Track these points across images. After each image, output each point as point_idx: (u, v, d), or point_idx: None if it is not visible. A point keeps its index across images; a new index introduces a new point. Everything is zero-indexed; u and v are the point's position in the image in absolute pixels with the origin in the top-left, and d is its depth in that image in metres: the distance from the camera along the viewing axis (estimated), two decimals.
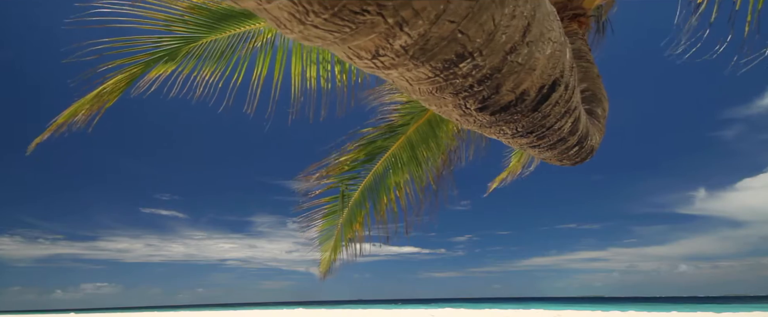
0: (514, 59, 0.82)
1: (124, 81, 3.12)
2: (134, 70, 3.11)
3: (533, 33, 0.82)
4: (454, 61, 0.72)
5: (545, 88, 1.06)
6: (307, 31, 0.55)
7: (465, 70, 0.76)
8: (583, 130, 1.73)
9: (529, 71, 0.91)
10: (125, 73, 3.16)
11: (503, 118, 1.10)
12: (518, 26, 0.76)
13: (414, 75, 0.76)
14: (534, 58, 0.89)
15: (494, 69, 0.81)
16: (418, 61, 0.68)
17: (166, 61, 3.22)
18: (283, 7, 0.49)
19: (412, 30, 0.58)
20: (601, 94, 2.60)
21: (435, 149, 3.89)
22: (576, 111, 1.46)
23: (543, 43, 0.89)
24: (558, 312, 24.01)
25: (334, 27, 0.53)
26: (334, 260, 4.38)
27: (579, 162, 2.08)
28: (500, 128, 1.21)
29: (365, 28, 0.55)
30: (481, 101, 0.93)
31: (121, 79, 3.16)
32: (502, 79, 0.86)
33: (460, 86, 0.82)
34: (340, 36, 0.56)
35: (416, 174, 4.01)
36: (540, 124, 1.26)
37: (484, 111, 1.00)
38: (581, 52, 2.73)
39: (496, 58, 0.78)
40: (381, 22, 0.54)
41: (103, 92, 3.10)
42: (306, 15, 0.50)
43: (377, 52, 0.63)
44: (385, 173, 4.00)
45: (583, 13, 2.79)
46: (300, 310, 38.42)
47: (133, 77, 3.22)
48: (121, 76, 3.13)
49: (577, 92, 1.42)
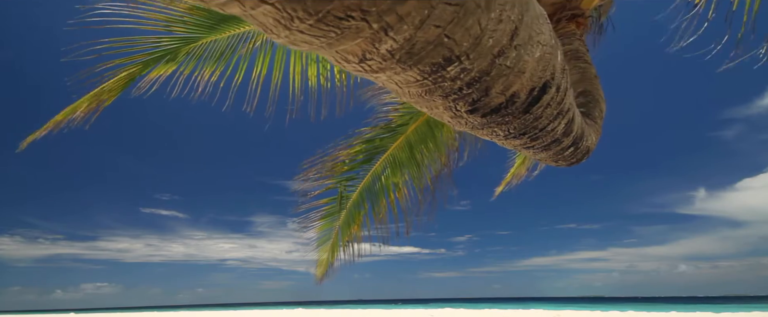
0: (502, 62, 0.83)
1: (123, 81, 3.13)
2: (133, 70, 3.13)
3: (521, 36, 0.83)
4: (442, 65, 0.73)
5: (536, 90, 1.07)
6: (293, 36, 0.56)
7: (453, 74, 0.77)
8: (578, 131, 1.74)
9: (518, 74, 0.92)
10: (124, 73, 3.17)
11: (495, 120, 1.11)
12: (506, 30, 0.77)
13: (403, 78, 0.76)
14: (523, 61, 0.90)
15: (483, 72, 0.82)
16: (406, 65, 0.69)
17: (166, 61, 3.24)
18: (268, 13, 0.49)
19: (398, 35, 0.59)
20: (598, 95, 2.60)
21: (434, 149, 3.89)
22: (569, 113, 1.47)
23: (532, 46, 0.90)
24: (557, 312, 24.02)
25: (319, 32, 0.54)
26: (331, 263, 4.38)
27: (575, 163, 2.09)
28: (492, 130, 1.22)
29: (350, 33, 0.56)
30: (471, 104, 0.94)
31: (120, 78, 3.17)
32: (491, 82, 0.87)
33: (449, 89, 0.83)
34: (327, 41, 0.57)
35: (415, 175, 4.01)
36: (532, 125, 1.27)
37: (475, 113, 1.01)
38: (579, 53, 2.73)
39: (484, 61, 0.79)
40: (366, 27, 0.55)
41: (101, 91, 3.12)
42: (291, 21, 0.51)
43: (364, 56, 0.64)
44: (384, 174, 4.01)
45: (581, 14, 2.80)
46: (299, 310, 38.42)
47: (132, 77, 3.23)
48: (121, 76, 3.15)
49: (570, 93, 1.42)
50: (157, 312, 38.98)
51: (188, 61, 3.35)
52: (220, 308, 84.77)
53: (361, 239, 4.10)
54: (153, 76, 3.30)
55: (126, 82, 3.21)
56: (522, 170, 5.04)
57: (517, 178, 5.10)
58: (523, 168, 5.02)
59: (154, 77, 3.38)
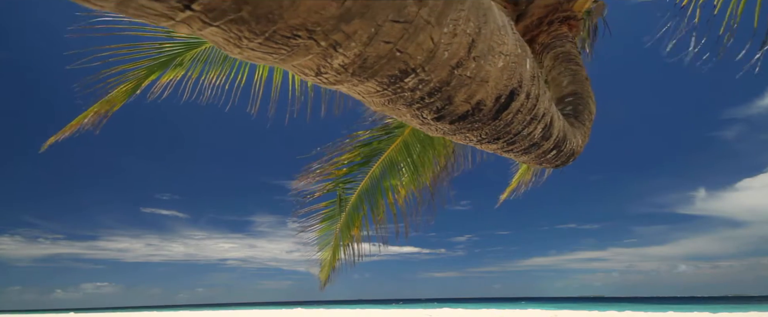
0: (462, 73, 0.86)
1: (130, 86, 3.21)
2: (140, 74, 3.20)
3: (480, 48, 0.85)
4: (399, 77, 0.76)
5: (503, 97, 1.10)
6: (246, 53, 0.59)
7: (412, 85, 0.80)
8: (560, 134, 1.76)
9: (481, 83, 0.95)
10: (132, 79, 3.26)
11: (464, 126, 1.14)
12: (462, 43, 0.80)
13: (363, 89, 0.79)
14: (485, 71, 0.93)
15: (442, 82, 0.85)
16: (362, 78, 0.72)
17: (174, 66, 3.32)
18: (216, 33, 0.52)
19: (348, 51, 0.62)
20: (588, 96, 2.61)
21: (430, 151, 3.92)
22: (545, 117, 1.50)
23: (493, 57, 0.93)
24: (554, 312, 24.04)
25: (270, 49, 0.57)
26: (333, 267, 4.41)
27: (560, 165, 2.11)
28: (464, 135, 1.25)
29: (300, 50, 0.59)
30: (436, 112, 0.97)
31: (128, 85, 3.26)
32: (452, 91, 0.90)
33: (410, 99, 0.86)
34: (279, 57, 0.60)
35: (413, 176, 4.04)
36: (505, 131, 1.29)
37: (442, 121, 1.04)
38: (570, 55, 2.75)
39: (442, 72, 0.82)
40: (314, 45, 0.58)
41: (111, 98, 3.21)
42: (239, 40, 0.54)
43: (319, 70, 0.67)
44: (382, 176, 4.04)
45: (573, 17, 2.81)
46: (298, 310, 38.42)
47: (139, 82, 3.31)
48: (129, 83, 3.23)
49: (545, 98, 1.45)
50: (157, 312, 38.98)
51: (195, 66, 3.45)
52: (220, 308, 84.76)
53: (361, 241, 4.13)
54: (154, 78, 3.37)
55: (133, 87, 3.28)
56: (527, 175, 5.01)
57: (525, 184, 5.07)
58: (529, 174, 5.00)
59: (155, 79, 3.45)
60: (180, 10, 0.45)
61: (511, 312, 26.63)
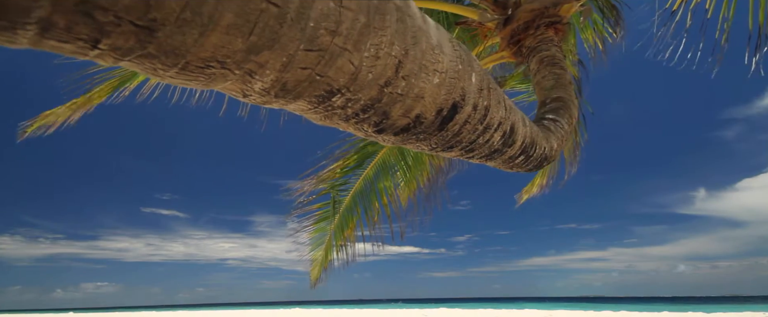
0: (392, 91, 0.91)
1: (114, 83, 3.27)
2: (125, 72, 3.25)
3: (408, 69, 0.91)
4: (326, 97, 0.81)
5: (445, 110, 1.15)
6: (168, 80, 0.64)
7: (340, 103, 0.85)
8: (526, 140, 1.81)
9: (416, 99, 1.00)
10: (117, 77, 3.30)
11: (409, 137, 1.19)
12: (388, 64, 0.85)
13: (295, 107, 0.85)
14: (418, 88, 0.98)
15: (373, 100, 0.90)
16: (287, 99, 0.77)
17: None
18: (132, 65, 0.58)
19: (264, 78, 0.67)
20: (571, 101, 2.65)
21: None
22: (504, 125, 1.55)
23: (427, 75, 0.98)
24: (551, 312, 24.07)
25: (188, 78, 0.63)
26: (325, 267, 4.46)
27: (532, 170, 2.16)
28: (415, 145, 1.30)
29: (218, 78, 0.64)
30: (375, 125, 1.03)
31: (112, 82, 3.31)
32: (386, 107, 0.95)
33: (344, 115, 0.91)
34: (200, 84, 0.66)
35: (407, 178, 4.08)
36: (455, 140, 1.35)
37: (384, 133, 1.09)
38: (555, 59, 2.79)
39: (371, 91, 0.87)
40: (229, 73, 0.64)
41: (93, 94, 3.25)
42: (154, 71, 0.59)
43: (244, 93, 0.72)
44: (376, 178, 4.08)
45: (559, 21, 2.86)
46: (297, 310, 38.45)
47: (123, 80, 3.35)
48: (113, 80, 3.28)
49: (500, 108, 1.50)
50: (157, 312, 39.04)
51: None
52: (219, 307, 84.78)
53: (355, 241, 4.18)
54: (152, 81, 3.42)
55: (117, 84, 3.33)
56: (544, 180, 5.06)
57: (540, 188, 5.13)
58: (545, 178, 5.05)
59: (150, 81, 3.50)
60: (89, 49, 0.51)
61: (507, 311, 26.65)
